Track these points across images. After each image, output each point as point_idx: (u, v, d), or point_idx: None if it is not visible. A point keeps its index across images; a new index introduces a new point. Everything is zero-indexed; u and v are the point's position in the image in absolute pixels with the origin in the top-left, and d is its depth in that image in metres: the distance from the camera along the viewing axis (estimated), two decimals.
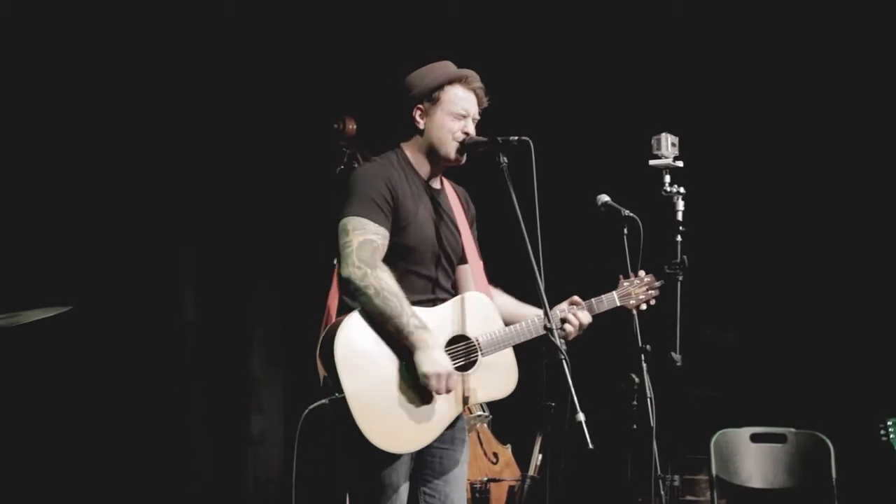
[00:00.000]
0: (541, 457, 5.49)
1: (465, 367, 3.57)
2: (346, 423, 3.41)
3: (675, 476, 5.29)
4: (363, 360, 3.45)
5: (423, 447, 3.55)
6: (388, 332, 3.46)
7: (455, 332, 3.59)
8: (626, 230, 4.02)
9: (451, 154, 3.67)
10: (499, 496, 5.61)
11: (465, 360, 3.58)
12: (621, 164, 5.00)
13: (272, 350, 6.34)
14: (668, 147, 4.22)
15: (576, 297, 3.77)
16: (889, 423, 4.79)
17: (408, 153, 3.71)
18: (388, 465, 3.49)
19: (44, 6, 5.51)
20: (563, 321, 3.69)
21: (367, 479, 3.51)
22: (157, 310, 5.90)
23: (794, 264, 6.19)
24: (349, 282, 3.46)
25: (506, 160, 3.61)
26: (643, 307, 3.91)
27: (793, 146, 6.19)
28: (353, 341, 3.45)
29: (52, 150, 5.58)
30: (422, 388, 3.47)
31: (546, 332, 3.49)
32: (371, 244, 3.48)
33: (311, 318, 3.64)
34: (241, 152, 6.07)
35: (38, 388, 5.50)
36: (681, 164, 4.23)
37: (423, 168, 3.71)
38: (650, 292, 3.92)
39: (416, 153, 3.71)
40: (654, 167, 4.23)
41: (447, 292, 3.69)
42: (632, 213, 4.04)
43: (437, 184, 3.76)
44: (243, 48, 6.01)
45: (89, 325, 5.39)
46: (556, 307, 3.71)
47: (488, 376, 3.61)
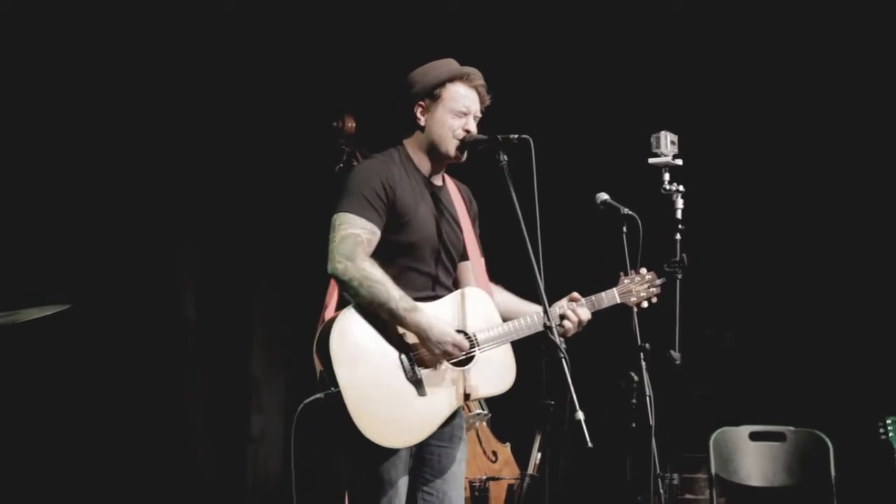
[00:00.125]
0: (540, 455, 5.49)
1: (463, 363, 3.56)
2: (342, 417, 3.40)
3: (675, 474, 5.30)
4: (358, 355, 3.45)
5: (421, 444, 3.55)
6: (383, 321, 3.46)
7: (453, 326, 3.57)
8: (625, 228, 4.02)
9: (451, 151, 3.67)
10: (498, 494, 5.61)
11: (463, 356, 3.56)
12: (621, 163, 5.00)
13: (272, 350, 6.33)
14: (667, 145, 4.22)
15: (575, 294, 3.76)
16: (888, 421, 4.80)
17: (409, 150, 3.71)
18: (385, 460, 3.48)
19: (44, 6, 5.51)
20: (563, 317, 3.67)
21: (365, 474, 3.50)
22: (157, 309, 5.89)
23: (793, 263, 6.20)
24: (334, 276, 3.48)
25: (506, 158, 3.60)
26: (644, 305, 3.89)
27: (792, 145, 6.20)
28: (348, 335, 3.45)
29: (52, 149, 5.57)
30: (418, 383, 3.47)
31: (545, 330, 3.48)
32: (354, 238, 3.47)
33: (311, 318, 3.63)
34: (240, 151, 6.07)
35: (38, 387, 5.49)
36: (680, 162, 4.22)
37: (424, 165, 3.71)
38: (651, 290, 3.90)
39: (417, 150, 3.71)
40: (654, 165, 4.23)
41: (448, 289, 3.68)
42: (631, 212, 4.04)
43: (438, 181, 3.75)
44: (243, 47, 6.01)
45: (89, 324, 5.39)
46: (555, 304, 3.69)
47: (485, 372, 3.60)
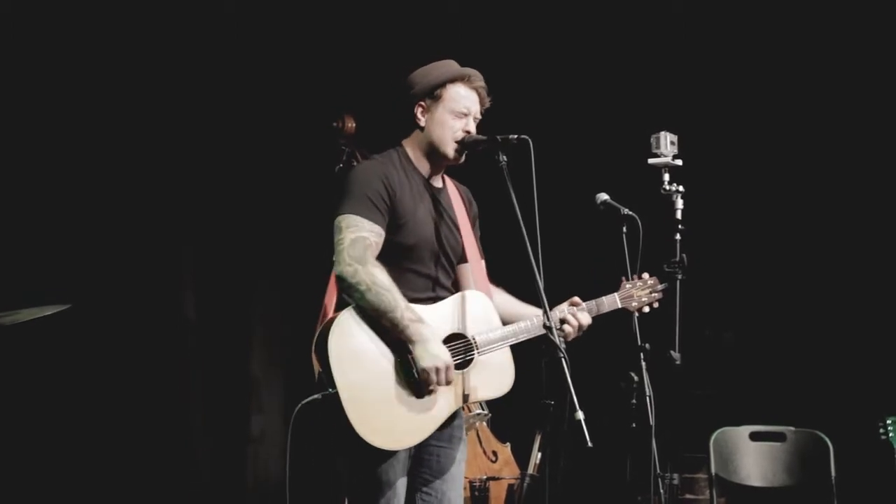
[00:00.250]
0: (540, 455, 5.49)
1: (462, 366, 3.56)
2: (339, 419, 3.39)
3: (675, 474, 5.30)
4: (357, 356, 3.44)
5: (420, 444, 3.54)
6: (383, 327, 3.45)
7: (453, 329, 3.58)
8: (625, 229, 4.02)
9: (451, 152, 3.66)
10: (498, 495, 5.61)
11: (462, 358, 3.56)
12: (620, 163, 5.00)
13: (272, 350, 6.33)
14: (667, 145, 4.23)
15: (576, 298, 3.74)
16: (888, 421, 4.80)
17: (408, 151, 3.70)
18: (384, 461, 3.48)
19: (44, 6, 5.51)
20: (563, 322, 3.66)
21: (363, 475, 3.49)
22: (157, 309, 5.89)
23: (793, 263, 6.19)
24: (341, 279, 3.45)
25: (505, 159, 3.60)
26: (646, 310, 3.88)
27: (792, 145, 6.20)
28: (347, 337, 3.44)
29: (52, 149, 5.57)
30: (416, 384, 3.46)
31: (545, 332, 3.48)
32: (363, 241, 3.47)
33: (311, 318, 3.63)
34: (240, 151, 6.07)
35: (38, 387, 5.49)
36: (680, 162, 4.23)
37: (423, 166, 3.70)
38: (653, 295, 3.89)
39: (416, 151, 3.70)
40: (654, 166, 4.24)
41: (447, 291, 3.67)
42: (631, 212, 4.04)
43: (438, 182, 3.75)
44: (243, 47, 6.01)
45: (89, 324, 5.39)
46: (556, 308, 3.68)
47: (484, 375, 3.59)
